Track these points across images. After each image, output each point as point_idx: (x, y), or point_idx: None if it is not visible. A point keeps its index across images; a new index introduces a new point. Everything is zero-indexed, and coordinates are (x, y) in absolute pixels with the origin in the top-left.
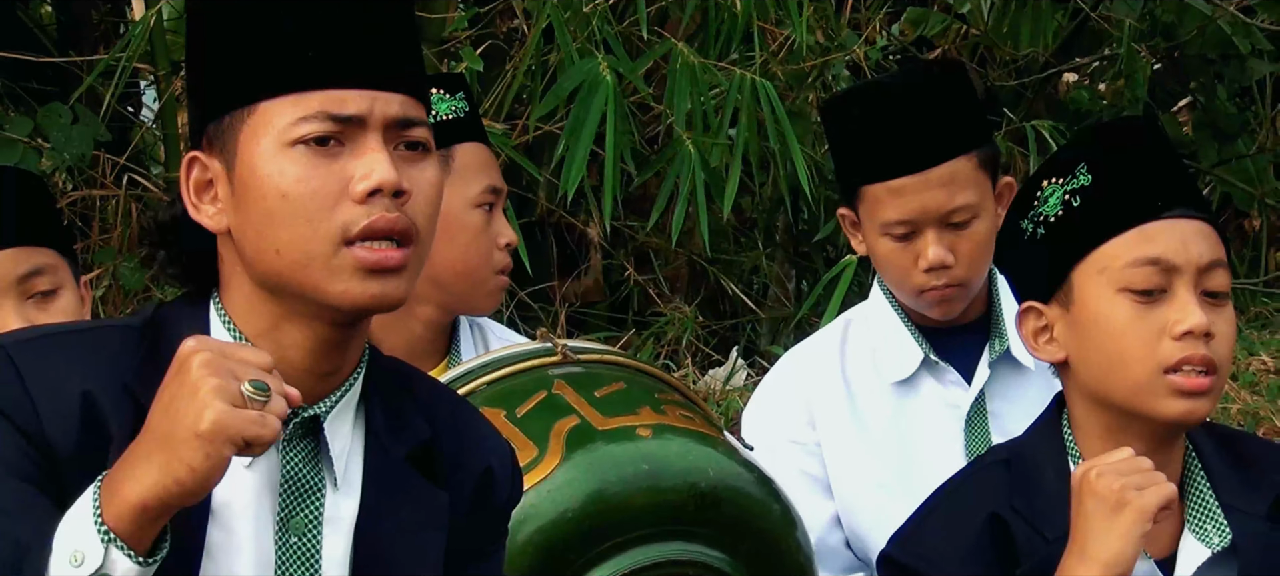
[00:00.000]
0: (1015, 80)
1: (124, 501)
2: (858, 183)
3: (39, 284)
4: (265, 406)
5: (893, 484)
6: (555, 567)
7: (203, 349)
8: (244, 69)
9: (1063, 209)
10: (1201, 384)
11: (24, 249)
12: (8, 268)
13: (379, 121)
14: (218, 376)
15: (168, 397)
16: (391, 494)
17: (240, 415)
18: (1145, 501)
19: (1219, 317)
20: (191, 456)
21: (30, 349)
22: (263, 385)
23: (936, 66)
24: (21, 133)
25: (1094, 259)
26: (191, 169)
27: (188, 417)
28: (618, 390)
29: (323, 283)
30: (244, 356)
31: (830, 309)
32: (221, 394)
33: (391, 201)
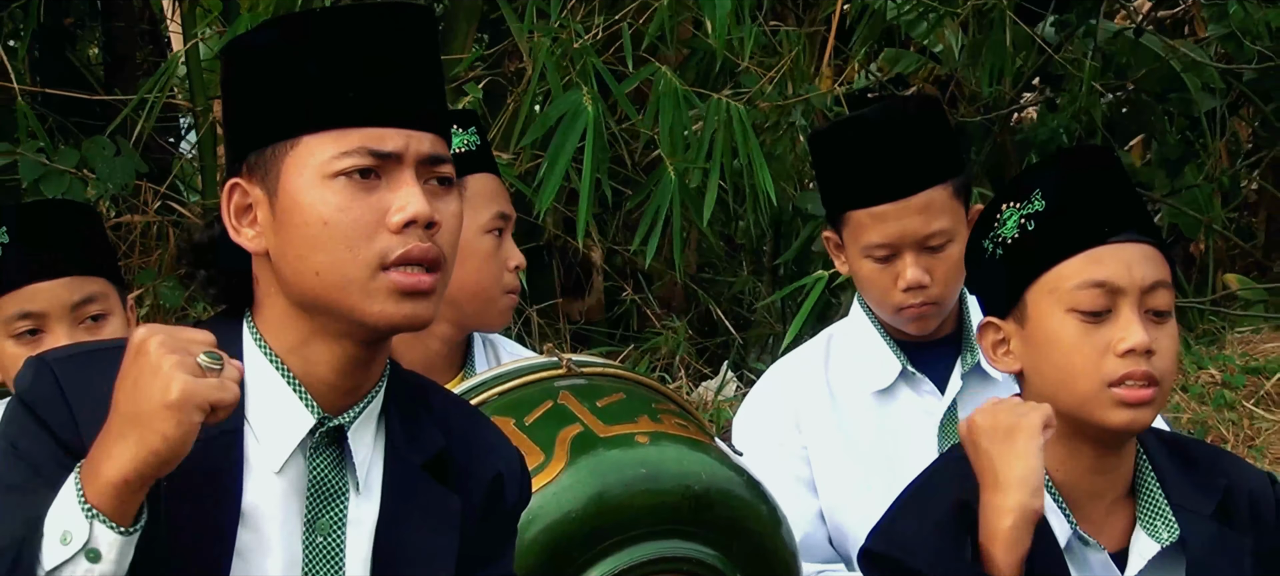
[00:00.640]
0: (981, 116)
1: (104, 480)
2: (842, 208)
3: (91, 310)
4: (221, 374)
5: (873, 484)
6: (560, 564)
7: (155, 333)
8: (289, 105)
9: (1019, 232)
10: (1144, 396)
11: (78, 278)
12: (63, 295)
13: (413, 158)
14: (175, 353)
15: (130, 380)
16: (409, 498)
17: (204, 383)
18: (1031, 420)
19: (1161, 334)
20: (164, 426)
21: (71, 364)
22: (216, 354)
23: (914, 102)
24: (68, 164)
25: (1046, 280)
26: (232, 194)
27: (155, 392)
28: (618, 400)
29: (360, 304)
30: (192, 336)
31: (798, 318)
32: (182, 367)
33: (424, 232)
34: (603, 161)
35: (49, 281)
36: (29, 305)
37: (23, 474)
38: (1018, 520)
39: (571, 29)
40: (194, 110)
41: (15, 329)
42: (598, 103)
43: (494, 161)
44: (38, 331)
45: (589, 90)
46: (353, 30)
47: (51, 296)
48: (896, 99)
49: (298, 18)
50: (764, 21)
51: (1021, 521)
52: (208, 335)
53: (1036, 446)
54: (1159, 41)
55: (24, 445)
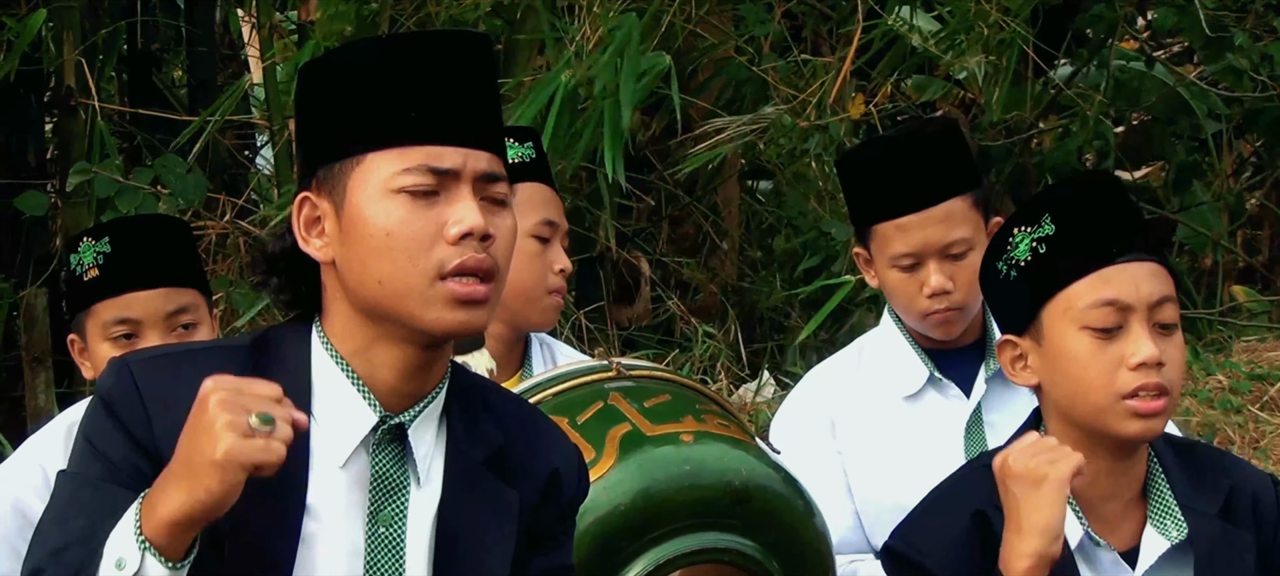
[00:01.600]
0: (1002, 139)
1: (158, 518)
2: (869, 222)
3: (182, 319)
4: (271, 434)
5: (902, 484)
6: (610, 554)
7: (218, 388)
8: (355, 124)
9: (1031, 255)
10: (1156, 406)
11: (172, 289)
12: (158, 304)
13: (470, 175)
14: (230, 412)
15: (191, 431)
16: (468, 492)
17: (248, 444)
18: (1060, 471)
19: (1170, 345)
20: (210, 481)
21: (149, 366)
22: (268, 417)
23: (934, 122)
24: (144, 181)
25: (1059, 300)
26: (302, 207)
27: (206, 448)
28: (664, 401)
29: (418, 311)
30: (255, 391)
31: (816, 318)
32: (233, 427)
33: (479, 244)
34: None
35: (146, 291)
36: (126, 312)
37: (98, 469)
38: (1034, 565)
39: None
40: (270, 128)
41: (112, 333)
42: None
43: (548, 173)
44: (132, 337)
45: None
46: (415, 56)
47: (147, 305)
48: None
49: (365, 44)
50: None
51: (1037, 566)
52: (271, 389)
53: (1062, 497)
54: (1166, 70)
55: (100, 442)
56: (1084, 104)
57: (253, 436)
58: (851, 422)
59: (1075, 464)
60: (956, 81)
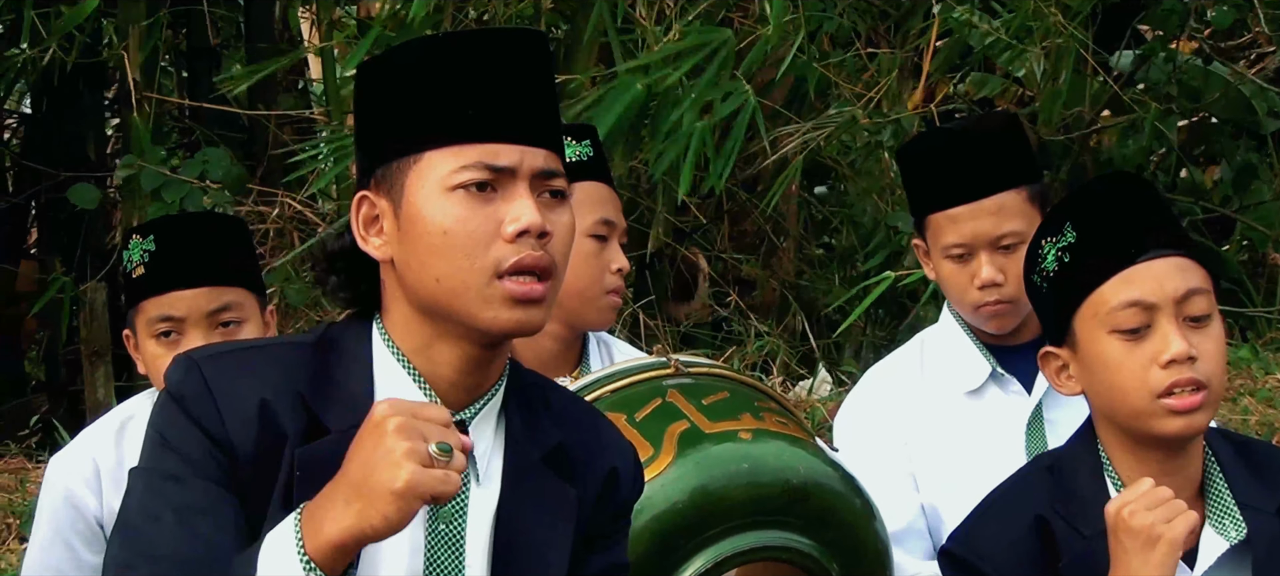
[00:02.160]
0: (1063, 136)
1: (325, 539)
2: (924, 212)
3: (225, 317)
4: (449, 464)
5: (964, 480)
6: (667, 551)
7: (396, 413)
8: (412, 123)
9: (1057, 265)
10: (1193, 402)
11: (215, 288)
12: (200, 303)
13: (527, 172)
14: (410, 440)
15: (365, 454)
16: (527, 489)
17: (429, 475)
18: (1175, 532)
19: (1203, 338)
20: (387, 509)
21: (216, 362)
22: (447, 446)
23: (992, 116)
24: (191, 174)
25: (1087, 305)
26: (361, 205)
27: (385, 476)
28: (722, 399)
29: (475, 309)
30: (430, 415)
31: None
32: (413, 457)
33: (537, 241)
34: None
35: (188, 289)
36: (169, 310)
37: (174, 465)
38: None
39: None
40: (328, 122)
41: (156, 330)
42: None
43: (606, 172)
44: (174, 334)
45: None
46: (472, 54)
47: (189, 303)
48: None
49: (422, 42)
50: (861, 47)
51: None
52: (443, 414)
53: (1175, 559)
54: (1226, 69)
55: (174, 439)
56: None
57: (433, 466)
58: (914, 418)
59: (1190, 522)
60: (1015, 78)
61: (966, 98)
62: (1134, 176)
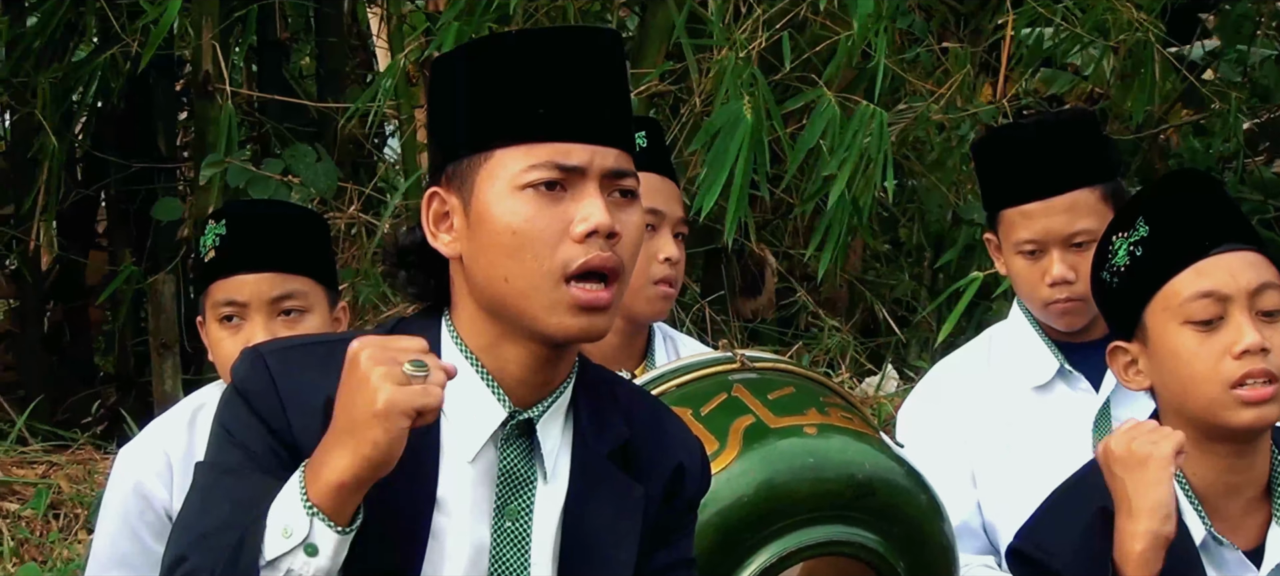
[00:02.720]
0: (1132, 134)
1: (325, 482)
2: (997, 208)
3: (288, 304)
4: (427, 379)
5: (1029, 478)
6: (732, 546)
7: (366, 345)
8: (483, 120)
9: (1129, 259)
10: (1265, 393)
11: (281, 275)
12: (264, 289)
13: (597, 172)
14: (383, 364)
15: (346, 393)
16: (595, 486)
17: (407, 391)
18: (1162, 450)
19: (1275, 332)
20: (374, 434)
21: (282, 356)
22: (421, 362)
23: (1068, 113)
24: (274, 171)
25: (1159, 298)
26: (432, 202)
27: (364, 402)
28: (788, 394)
29: (541, 314)
30: (402, 344)
31: (953, 316)
32: (389, 377)
33: (605, 242)
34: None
35: (253, 274)
36: (233, 294)
37: (237, 458)
38: (1149, 545)
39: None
40: (398, 118)
41: (220, 313)
42: (758, 112)
43: (663, 162)
44: (237, 319)
45: (750, 99)
46: (544, 52)
47: (253, 287)
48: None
49: (494, 40)
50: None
51: (1153, 546)
52: (418, 342)
53: (1168, 474)
54: None
55: (238, 432)
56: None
57: (410, 383)
58: (979, 414)
59: (1177, 441)
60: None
61: (1036, 94)
62: (1204, 174)
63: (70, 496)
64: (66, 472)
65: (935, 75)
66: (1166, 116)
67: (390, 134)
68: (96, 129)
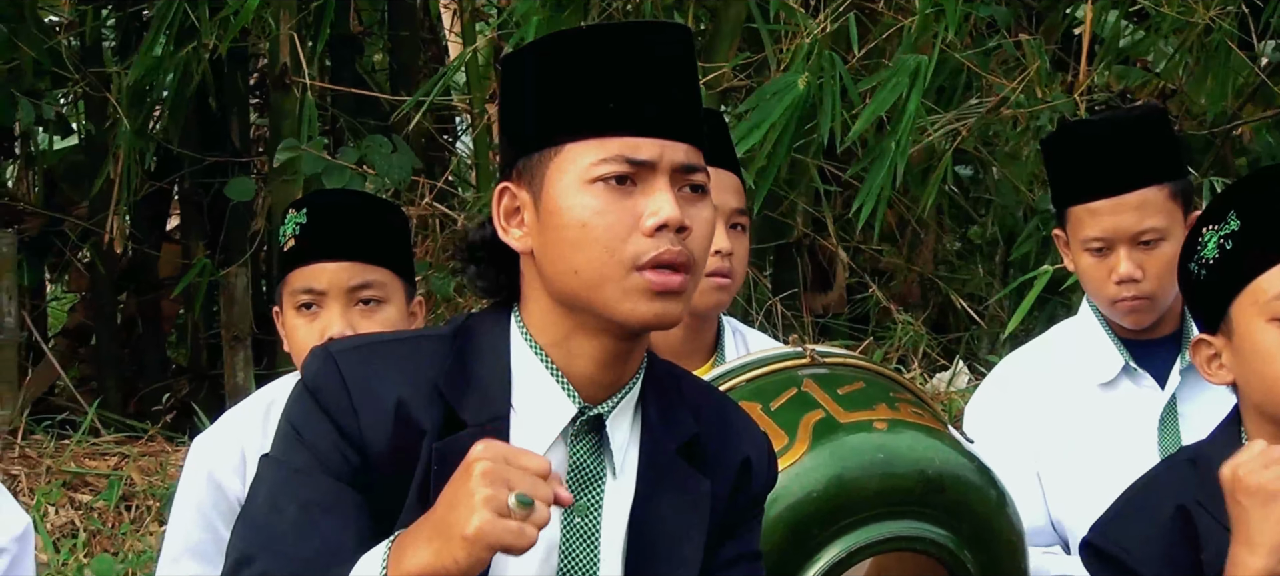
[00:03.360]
0: (1205, 130)
1: (404, 569)
2: (1065, 204)
3: (365, 294)
4: (528, 518)
5: (1094, 474)
6: (801, 541)
7: (486, 457)
8: (554, 115)
9: (1218, 252)
10: None
11: (359, 264)
12: (342, 278)
13: (667, 166)
14: (491, 487)
15: (451, 492)
16: (663, 481)
17: (502, 525)
18: None
19: None
20: (458, 552)
21: (353, 355)
22: (527, 499)
23: (1138, 110)
24: (350, 160)
25: (1246, 294)
26: (502, 197)
27: (460, 519)
28: (858, 389)
29: (613, 302)
30: (523, 464)
31: (1021, 308)
32: (490, 504)
33: (675, 236)
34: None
35: (332, 262)
36: (311, 282)
37: (304, 457)
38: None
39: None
40: (470, 112)
41: (298, 301)
42: (832, 93)
43: (720, 155)
44: (314, 307)
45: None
46: (615, 47)
47: (331, 276)
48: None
49: (565, 35)
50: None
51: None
52: (539, 463)
53: None
54: None
55: (307, 432)
56: None
57: (509, 517)
58: (1044, 410)
59: None
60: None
61: (1107, 89)
62: None
63: (142, 488)
64: (138, 464)
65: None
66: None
67: (463, 131)
68: (171, 122)
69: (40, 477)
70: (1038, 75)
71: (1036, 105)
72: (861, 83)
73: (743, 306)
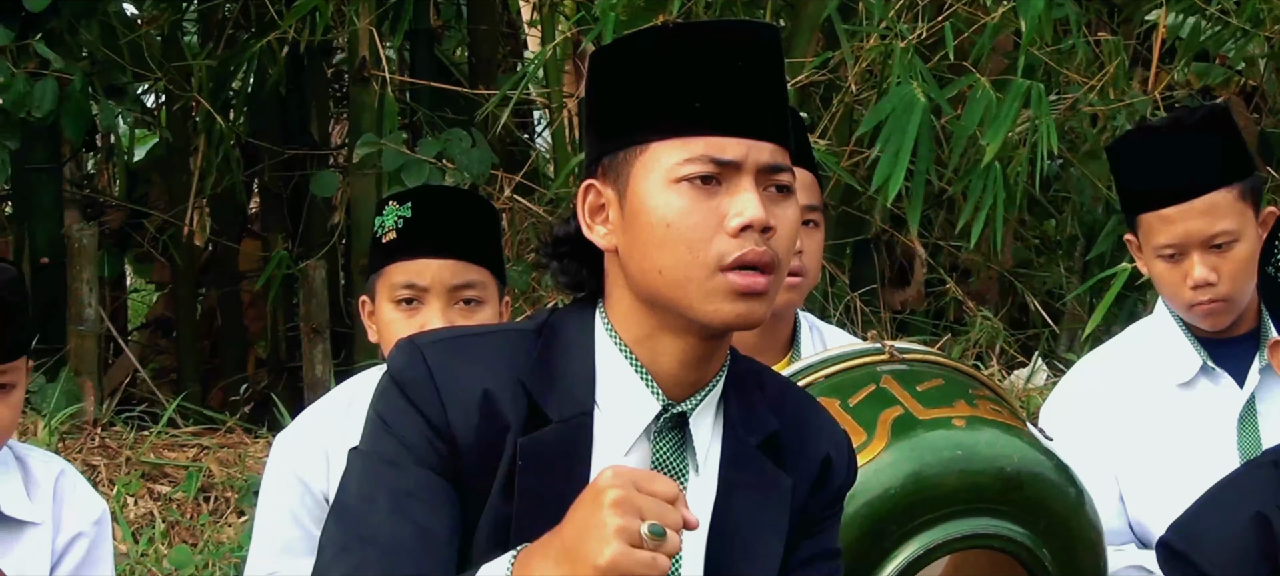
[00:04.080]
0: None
1: None
2: (1135, 212)
3: (466, 294)
4: (659, 547)
5: (1172, 474)
6: (878, 537)
7: (616, 485)
8: (640, 114)
9: None
10: None
11: (462, 263)
12: (448, 275)
13: (752, 166)
14: (623, 517)
15: (581, 518)
16: (744, 477)
17: (634, 556)
18: None
19: None
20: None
21: (440, 349)
22: (660, 530)
23: (1199, 111)
24: (429, 154)
25: None
26: (587, 194)
27: (592, 548)
28: (936, 386)
29: (697, 302)
30: (655, 489)
31: (1100, 308)
32: (623, 535)
33: (760, 236)
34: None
35: (436, 259)
36: (415, 277)
37: (393, 449)
38: None
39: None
40: (549, 106)
41: (398, 296)
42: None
43: (802, 155)
44: (415, 303)
45: (919, 84)
46: (701, 46)
47: (436, 273)
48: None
49: (652, 33)
50: (1087, 33)
51: None
52: (669, 488)
53: None
54: None
55: (395, 423)
56: None
57: (641, 547)
58: (1122, 412)
59: None
60: (1235, 69)
61: (1188, 86)
62: None
63: (221, 480)
64: (217, 456)
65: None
66: None
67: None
68: (250, 115)
69: (119, 468)
70: (1116, 73)
71: (1113, 104)
72: (946, 89)
73: (820, 302)
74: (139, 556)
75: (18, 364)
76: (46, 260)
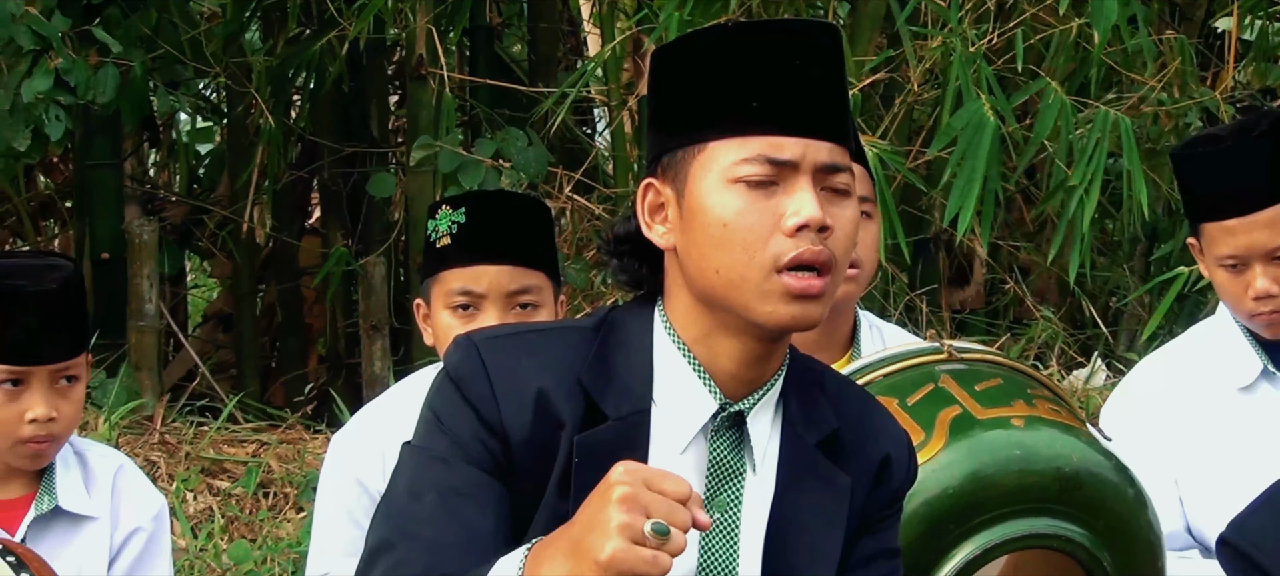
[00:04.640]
0: None
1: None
2: (1198, 220)
3: (523, 298)
4: (663, 546)
5: (1232, 477)
6: (936, 537)
7: (625, 481)
8: (697, 113)
9: None
10: None
11: (519, 268)
12: (504, 281)
13: (810, 166)
14: (628, 513)
15: (589, 512)
16: (803, 476)
17: (635, 553)
18: None
19: None
20: (587, 573)
21: (496, 346)
22: (664, 528)
23: (1266, 121)
24: (485, 154)
25: None
26: (647, 193)
27: (595, 544)
28: (995, 385)
29: (753, 303)
30: (663, 488)
31: (1160, 309)
32: (625, 532)
33: (816, 236)
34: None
35: (493, 265)
36: (471, 283)
37: (445, 445)
38: None
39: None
40: (608, 105)
41: (454, 302)
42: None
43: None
44: (472, 309)
45: (988, 100)
46: (761, 45)
47: (493, 279)
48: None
49: (713, 31)
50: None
51: None
52: (680, 487)
53: None
54: None
55: (448, 420)
56: None
57: (644, 544)
58: (1183, 412)
59: None
60: None
61: (1249, 87)
62: None
63: (280, 476)
64: (276, 452)
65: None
66: None
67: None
68: (310, 111)
69: (179, 464)
70: (1180, 72)
71: (1178, 103)
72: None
73: (879, 301)
74: (198, 551)
75: (78, 359)
76: (107, 255)
